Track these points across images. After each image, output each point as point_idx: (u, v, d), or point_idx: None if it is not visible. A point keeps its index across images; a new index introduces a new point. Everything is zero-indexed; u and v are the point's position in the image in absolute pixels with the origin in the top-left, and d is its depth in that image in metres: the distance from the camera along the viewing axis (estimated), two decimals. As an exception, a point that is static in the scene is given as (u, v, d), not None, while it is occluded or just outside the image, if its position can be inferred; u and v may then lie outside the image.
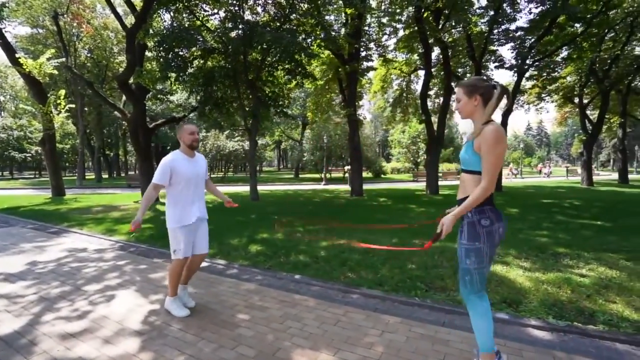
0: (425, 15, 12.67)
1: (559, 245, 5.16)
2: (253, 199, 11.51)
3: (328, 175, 24.88)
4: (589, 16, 12.89)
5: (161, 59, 9.17)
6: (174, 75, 9.82)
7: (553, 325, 2.69)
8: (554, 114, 26.09)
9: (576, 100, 19.06)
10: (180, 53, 9.64)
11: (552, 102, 20.32)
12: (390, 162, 41.98)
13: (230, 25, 9.35)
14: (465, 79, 2.02)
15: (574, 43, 13.79)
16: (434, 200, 12.11)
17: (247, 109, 11.61)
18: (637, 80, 18.36)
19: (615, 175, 26.33)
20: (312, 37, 10.97)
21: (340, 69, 13.29)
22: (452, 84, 14.35)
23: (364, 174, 26.80)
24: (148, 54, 12.63)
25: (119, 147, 36.10)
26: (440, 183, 15.66)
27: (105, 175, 32.71)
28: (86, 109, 23.70)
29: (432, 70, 17.14)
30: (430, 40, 13.42)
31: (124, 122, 20.58)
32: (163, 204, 10.69)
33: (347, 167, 20.61)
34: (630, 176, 22.55)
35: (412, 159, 38.31)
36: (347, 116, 13.35)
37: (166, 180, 2.77)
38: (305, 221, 7.48)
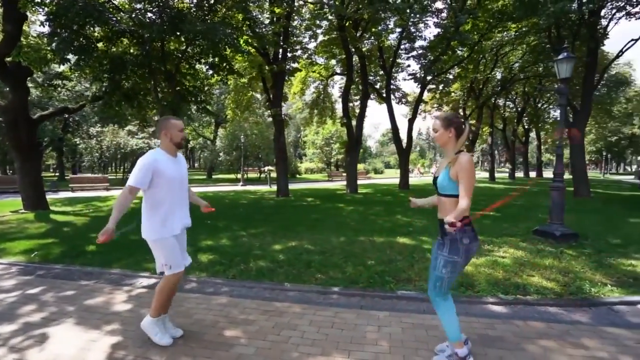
0: (347, 24, 13.43)
1: (481, 234, 6.13)
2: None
3: (245, 176, 24.12)
4: (469, 42, 15.65)
5: (56, 37, 7.40)
6: (73, 58, 8.08)
7: (504, 299, 3.25)
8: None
9: (461, 111, 22.95)
10: (83, 32, 7.97)
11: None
12: (302, 162, 43.04)
13: (147, 7, 8.20)
14: (442, 112, 2.34)
15: (462, 64, 16.55)
16: (356, 199, 12.93)
17: (164, 103, 10.40)
18: (500, 99, 23.13)
19: (484, 174, 32.52)
20: (239, 33, 10.49)
21: (266, 68, 13.07)
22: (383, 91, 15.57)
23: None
24: (41, 29, 10.14)
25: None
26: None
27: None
28: None
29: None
30: (352, 49, 14.29)
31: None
32: (55, 212, 8.76)
33: (266, 168, 20.34)
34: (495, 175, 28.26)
35: (325, 159, 40.11)
36: (273, 116, 13.22)
37: (146, 183, 2.32)
38: (245, 224, 7.16)
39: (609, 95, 24.35)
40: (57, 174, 27.43)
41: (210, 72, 11.67)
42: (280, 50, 12.08)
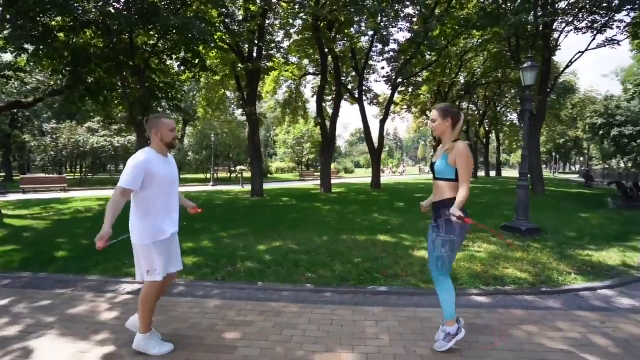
0: (321, 25, 13.52)
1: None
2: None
3: (215, 176, 23.48)
4: (437, 47, 16.39)
5: (7, 23, 6.72)
6: (30, 47, 7.41)
7: (486, 290, 3.49)
8: (411, 123, 31.94)
9: (429, 113, 23.91)
10: (41, 20, 7.33)
11: (411, 113, 24.89)
12: (273, 161, 42.67)
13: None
14: (440, 103, 2.49)
15: (430, 68, 17.28)
16: (332, 198, 13.07)
17: (131, 99, 9.89)
18: (464, 102, 24.43)
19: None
20: (213, 29, 10.22)
21: (239, 66, 12.82)
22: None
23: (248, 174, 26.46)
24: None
25: None
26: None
27: None
28: None
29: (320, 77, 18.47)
30: (326, 50, 14.42)
31: None
32: (9, 216, 8.03)
33: (239, 168, 19.94)
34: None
35: (296, 159, 40.05)
36: (247, 115, 13.01)
37: (139, 185, 2.23)
38: (223, 225, 7.01)
39: (557, 101, 26.59)
40: (2, 174, 25.01)
41: (182, 68, 11.25)
42: (255, 49, 11.91)
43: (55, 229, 6.66)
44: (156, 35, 9.54)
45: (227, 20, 10.71)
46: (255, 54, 12.21)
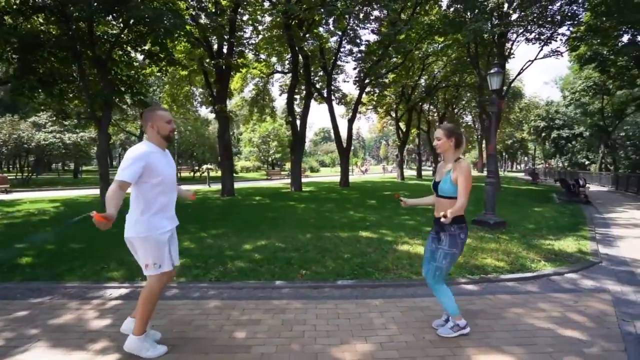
0: (292, 23, 13.47)
1: (425, 226, 6.80)
2: (105, 206, 9.23)
3: (178, 175, 22.37)
4: (404, 50, 17.08)
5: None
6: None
7: (472, 279, 3.76)
8: (375, 123, 32.87)
9: (393, 114, 24.81)
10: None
11: (376, 113, 25.64)
12: (238, 160, 41.66)
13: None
14: (445, 123, 2.69)
15: (396, 70, 17.93)
16: (304, 197, 13.10)
17: (91, 92, 9.15)
18: (425, 104, 25.65)
19: (412, 172, 35.70)
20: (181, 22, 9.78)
21: (206, 61, 12.39)
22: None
23: (217, 173, 25.62)
24: None
25: None
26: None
27: None
28: None
29: (288, 75, 18.39)
30: (297, 49, 14.38)
31: None
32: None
33: (205, 166, 19.25)
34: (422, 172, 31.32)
35: (262, 158, 39.44)
36: (217, 113, 12.61)
37: (136, 178, 2.12)
38: (200, 225, 6.77)
39: (507, 105, 28.88)
40: None
41: (146, 61, 10.64)
42: (226, 44, 11.57)
43: (10, 234, 5.99)
44: (119, 25, 8.91)
45: (194, 13, 10.29)
46: (225, 50, 11.86)
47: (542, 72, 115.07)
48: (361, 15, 15.23)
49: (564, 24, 13.67)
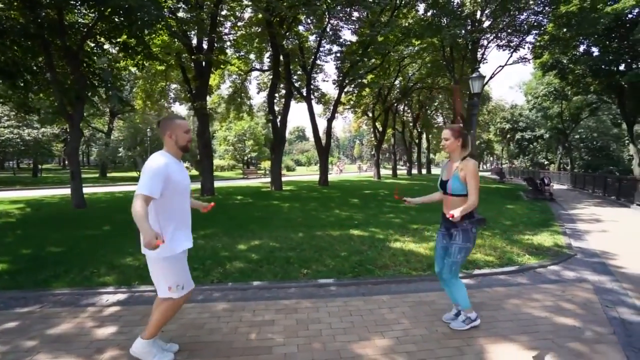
0: (274, 20, 13.33)
1: (411, 223, 7.01)
2: (78, 205, 8.71)
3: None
4: (382, 52, 17.45)
5: None
6: None
7: (468, 273, 3.95)
8: (351, 123, 33.27)
9: (370, 114, 25.26)
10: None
11: (354, 113, 25.99)
12: (213, 158, 40.58)
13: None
14: (453, 124, 2.80)
15: (374, 71, 18.28)
16: (286, 196, 13.04)
17: (62, 85, 8.57)
18: (400, 105, 26.34)
19: (387, 171, 36.53)
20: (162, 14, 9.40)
21: (185, 56, 11.98)
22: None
23: (193, 172, 24.90)
24: None
25: None
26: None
27: None
28: None
29: (268, 74, 18.22)
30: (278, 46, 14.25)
31: None
32: None
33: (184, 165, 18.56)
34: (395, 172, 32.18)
35: (237, 156, 38.68)
36: (196, 110, 12.23)
37: (159, 191, 2.02)
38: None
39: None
40: None
41: (121, 54, 10.12)
42: (207, 40, 11.25)
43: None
44: (92, 14, 8.41)
45: (172, 7, 9.92)
46: (205, 45, 11.53)
47: (507, 77, 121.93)
48: (341, 15, 15.40)
49: (531, 32, 14.60)
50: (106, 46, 9.73)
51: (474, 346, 2.40)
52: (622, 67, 18.85)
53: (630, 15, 16.65)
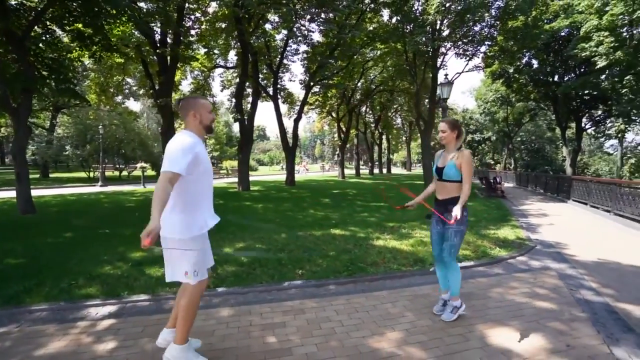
0: (243, 17, 13.03)
1: (386, 221, 7.30)
2: (25, 211, 7.83)
3: (97, 174, 19.74)
4: (349, 54, 17.85)
5: None
6: None
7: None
8: (315, 123, 33.49)
9: (334, 114, 25.67)
10: None
11: (320, 113, 26.24)
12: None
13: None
14: (448, 117, 3.04)
15: (340, 73, 18.62)
16: (256, 196, 12.83)
17: (7, 76, 7.66)
18: (363, 106, 27.10)
19: (350, 171, 37.32)
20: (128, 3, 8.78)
21: (149, 50, 11.28)
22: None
23: (152, 172, 23.42)
24: None
25: None
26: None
27: None
28: None
29: (233, 71, 17.75)
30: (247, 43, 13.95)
31: None
32: None
33: (139, 165, 17.47)
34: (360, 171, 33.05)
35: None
36: (161, 107, 11.58)
37: (187, 170, 1.96)
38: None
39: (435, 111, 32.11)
40: None
41: (75, 43, 9.30)
42: (172, 33, 10.70)
43: None
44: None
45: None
46: (170, 39, 10.96)
47: (459, 83, 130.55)
48: (307, 17, 15.47)
49: (484, 43, 15.85)
50: (57, 33, 8.85)
51: (475, 332, 2.62)
52: (556, 78, 21.29)
53: (562, 33, 18.83)
